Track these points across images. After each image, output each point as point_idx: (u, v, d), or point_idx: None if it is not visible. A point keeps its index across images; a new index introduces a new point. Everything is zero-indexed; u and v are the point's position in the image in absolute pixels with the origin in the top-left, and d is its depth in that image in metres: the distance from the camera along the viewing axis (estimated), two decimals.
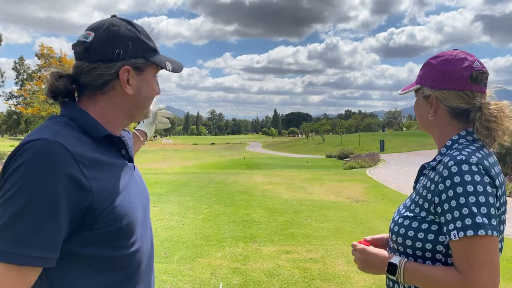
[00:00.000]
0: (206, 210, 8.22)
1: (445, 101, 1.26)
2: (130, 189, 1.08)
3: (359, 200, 9.77)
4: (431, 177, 1.21)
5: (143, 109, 1.15)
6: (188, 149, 57.27)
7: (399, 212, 1.30)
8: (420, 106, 1.34)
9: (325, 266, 4.92)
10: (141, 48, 1.08)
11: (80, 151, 0.96)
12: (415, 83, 1.34)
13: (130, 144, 1.22)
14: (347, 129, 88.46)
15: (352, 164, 20.54)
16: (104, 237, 0.98)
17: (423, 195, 1.22)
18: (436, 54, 1.32)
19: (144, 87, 1.11)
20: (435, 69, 1.28)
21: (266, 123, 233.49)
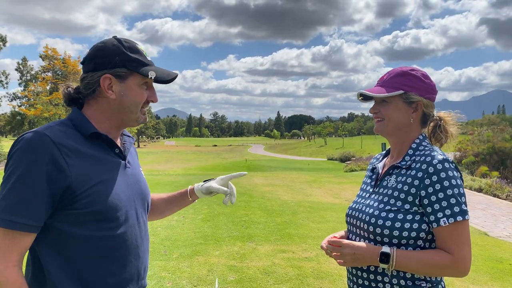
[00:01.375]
0: (205, 210, 8.38)
1: (427, 108, 1.49)
2: (116, 181, 1.28)
3: None
4: (411, 174, 1.39)
5: (129, 114, 1.32)
6: (191, 151, 57.46)
7: (377, 207, 1.42)
8: (400, 109, 1.45)
9: (319, 264, 5.06)
10: (123, 60, 1.29)
11: (65, 142, 1.17)
12: (392, 89, 1.44)
13: (128, 146, 1.42)
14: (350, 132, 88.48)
15: (352, 167, 20.66)
16: (83, 217, 1.18)
17: (404, 190, 1.39)
18: (409, 67, 1.50)
19: (127, 93, 1.28)
20: (421, 80, 1.47)
21: (268, 125, 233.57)
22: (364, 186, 1.63)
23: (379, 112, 1.49)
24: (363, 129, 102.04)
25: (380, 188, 1.49)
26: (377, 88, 1.49)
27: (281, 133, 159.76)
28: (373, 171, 1.63)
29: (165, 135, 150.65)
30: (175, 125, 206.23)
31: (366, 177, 1.67)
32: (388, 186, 1.46)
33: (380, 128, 1.51)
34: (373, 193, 1.51)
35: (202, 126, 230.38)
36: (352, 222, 1.54)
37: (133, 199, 1.34)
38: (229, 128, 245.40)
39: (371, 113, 1.54)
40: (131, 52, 1.30)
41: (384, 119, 1.48)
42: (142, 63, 1.30)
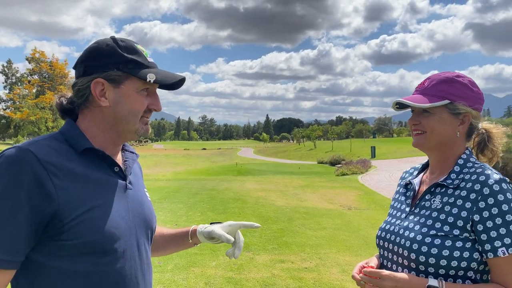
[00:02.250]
0: (199, 217, 8.17)
1: (474, 120, 1.31)
2: (114, 206, 1.07)
3: (352, 207, 9.79)
4: (462, 196, 1.23)
5: (126, 124, 1.11)
6: (179, 155, 57.02)
7: (420, 231, 1.25)
8: (445, 122, 1.28)
9: (320, 275, 4.90)
10: (117, 61, 1.08)
11: (53, 160, 0.99)
12: (436, 98, 1.27)
13: (130, 164, 1.21)
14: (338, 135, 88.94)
15: (344, 171, 20.62)
16: (73, 250, 0.99)
17: (453, 213, 1.22)
18: (453, 72, 1.33)
19: (122, 100, 1.09)
20: (468, 88, 1.30)
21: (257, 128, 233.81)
22: (397, 205, 1.45)
23: (420, 124, 1.31)
24: (352, 132, 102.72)
25: (421, 209, 1.31)
26: (418, 96, 1.30)
27: (270, 136, 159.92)
28: (407, 187, 1.46)
29: (153, 139, 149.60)
30: (164, 128, 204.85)
31: (399, 194, 1.48)
32: (431, 208, 1.28)
33: (421, 142, 1.32)
34: (411, 214, 1.33)
35: (191, 129, 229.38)
36: (387, 246, 1.36)
37: (134, 227, 1.14)
38: (218, 131, 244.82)
39: (410, 125, 1.35)
40: (128, 53, 1.10)
41: (426, 132, 1.30)
42: (141, 64, 1.10)
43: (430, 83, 1.31)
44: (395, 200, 1.50)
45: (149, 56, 1.15)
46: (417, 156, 27.28)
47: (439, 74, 1.33)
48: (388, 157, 30.73)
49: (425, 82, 1.33)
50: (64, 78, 34.27)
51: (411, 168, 1.56)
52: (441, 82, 1.30)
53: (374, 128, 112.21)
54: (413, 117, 1.34)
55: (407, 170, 1.57)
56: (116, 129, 1.12)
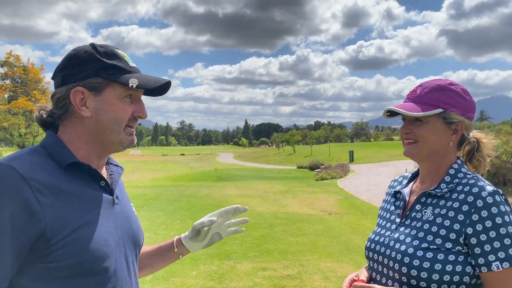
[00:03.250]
0: (178, 225, 8.02)
1: (467, 130, 1.28)
2: (102, 223, 1.01)
3: (332, 212, 9.82)
4: (454, 207, 1.19)
5: (110, 135, 1.05)
6: (157, 161, 56.28)
7: (411, 244, 1.21)
8: (438, 131, 1.24)
9: (302, 282, 4.86)
10: (97, 67, 1.02)
11: (37, 176, 0.92)
12: (429, 107, 1.23)
13: (116, 178, 1.14)
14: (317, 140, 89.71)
15: (323, 175, 20.75)
16: (61, 272, 0.92)
17: (445, 226, 1.18)
18: (445, 80, 1.29)
19: (104, 108, 1.03)
20: (461, 97, 1.26)
21: (237, 133, 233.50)
22: (387, 215, 1.40)
23: (412, 133, 1.27)
24: (330, 137, 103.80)
25: (412, 221, 1.27)
26: (410, 104, 1.26)
27: (249, 141, 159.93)
28: (396, 196, 1.41)
29: None
30: (141, 134, 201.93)
31: (388, 203, 1.44)
32: (422, 219, 1.24)
33: (413, 151, 1.28)
34: (402, 225, 1.29)
35: (169, 135, 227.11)
36: (376, 259, 1.31)
37: (123, 244, 1.07)
38: (197, 137, 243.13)
39: (402, 133, 1.31)
40: (108, 58, 1.04)
41: (418, 141, 1.26)
42: (122, 70, 1.04)
43: (423, 91, 1.27)
44: (384, 209, 1.45)
45: (131, 61, 1.09)
46: (394, 161, 27.76)
47: (431, 82, 1.30)
48: (366, 161, 31.15)
49: (417, 89, 1.29)
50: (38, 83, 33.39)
51: (400, 177, 1.51)
52: (434, 90, 1.26)
53: (352, 133, 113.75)
54: (405, 125, 1.29)
55: (396, 179, 1.52)
56: (99, 140, 1.05)
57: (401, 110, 1.24)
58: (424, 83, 1.31)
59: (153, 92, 1.12)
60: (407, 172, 1.51)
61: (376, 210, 10.13)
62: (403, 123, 1.30)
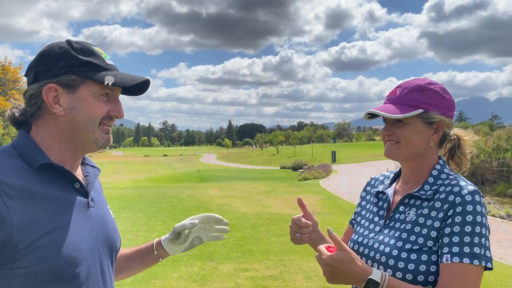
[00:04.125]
0: (160, 227, 7.92)
1: (448, 128, 1.28)
2: (75, 226, 0.97)
3: (315, 212, 9.86)
4: (437, 207, 1.19)
5: (84, 133, 1.01)
6: (139, 161, 55.63)
7: (395, 245, 1.19)
8: (420, 132, 1.24)
9: (285, 283, 4.85)
10: (71, 64, 0.99)
11: (5, 178, 0.89)
12: (409, 107, 1.22)
13: (92, 179, 1.10)
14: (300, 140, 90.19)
15: (306, 176, 20.86)
16: (29, 279, 0.88)
17: (427, 225, 1.18)
18: (424, 79, 1.29)
19: (78, 106, 1.00)
20: (441, 96, 1.26)
21: (220, 134, 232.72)
22: (369, 215, 1.38)
23: (394, 135, 1.26)
24: (313, 138, 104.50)
25: (396, 222, 1.26)
26: (390, 106, 1.25)
27: (233, 142, 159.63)
28: (378, 196, 1.40)
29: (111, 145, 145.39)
30: (122, 134, 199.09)
31: (370, 204, 1.41)
32: (406, 220, 1.24)
33: (394, 152, 1.27)
34: (386, 227, 1.28)
35: (151, 135, 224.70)
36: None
37: (98, 249, 1.03)
38: (180, 137, 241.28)
39: (384, 135, 1.30)
40: (83, 55, 1.00)
41: (400, 142, 1.25)
42: (98, 67, 1.01)
43: (402, 92, 1.26)
44: (365, 210, 1.43)
45: (108, 59, 1.06)
46: (376, 161, 28.12)
47: (410, 82, 1.29)
48: (348, 161, 31.45)
49: (397, 90, 1.28)
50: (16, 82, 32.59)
51: (381, 175, 1.50)
52: (413, 90, 1.25)
53: (334, 133, 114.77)
54: (386, 127, 1.28)
55: (376, 178, 1.51)
56: (74, 140, 1.02)
57: (381, 113, 1.23)
58: (403, 83, 1.30)
59: (131, 91, 1.10)
60: (388, 171, 1.50)
61: None
62: (385, 125, 1.30)
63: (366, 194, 1.48)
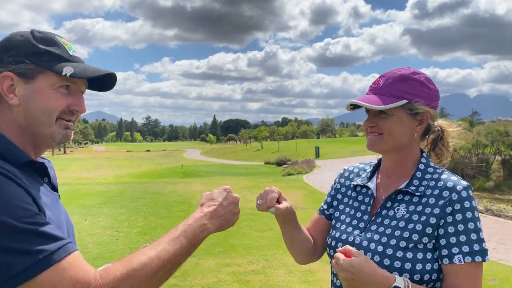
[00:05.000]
0: (141, 223, 7.83)
1: (432, 119, 1.24)
2: (61, 220, 0.96)
3: (298, 207, 9.90)
4: (430, 203, 1.16)
5: (40, 126, 0.95)
6: (122, 157, 54.93)
7: (388, 243, 1.15)
8: (403, 123, 1.19)
9: (267, 277, 4.85)
10: (29, 53, 0.94)
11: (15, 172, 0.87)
12: (393, 98, 1.18)
13: (53, 172, 1.06)
14: (284, 136, 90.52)
15: (289, 171, 20.93)
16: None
17: (421, 221, 1.14)
18: (408, 69, 1.25)
19: (33, 97, 0.94)
20: (425, 86, 1.22)
21: (204, 129, 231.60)
22: (351, 211, 1.30)
23: (377, 126, 1.21)
24: (297, 133, 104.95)
25: (384, 218, 1.21)
26: (373, 97, 1.20)
27: (217, 137, 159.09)
28: (357, 190, 1.33)
29: (93, 140, 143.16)
30: (105, 129, 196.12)
31: (349, 198, 1.34)
32: (396, 217, 1.19)
33: (377, 143, 1.22)
34: (373, 223, 1.22)
35: (134, 131, 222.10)
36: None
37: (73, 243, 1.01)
38: (163, 132, 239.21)
39: (366, 127, 1.25)
40: (44, 44, 0.96)
41: (383, 133, 1.21)
42: (59, 57, 0.97)
43: (386, 82, 1.22)
44: (344, 204, 1.35)
45: (73, 50, 1.01)
46: (358, 156, 28.41)
47: (394, 72, 1.24)
48: (331, 156, 31.70)
49: (380, 80, 1.23)
50: None
51: (355, 167, 1.43)
52: (397, 80, 1.21)
53: (318, 129, 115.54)
54: (369, 118, 1.24)
55: (350, 169, 1.44)
56: (29, 133, 0.96)
57: (364, 103, 1.18)
58: (386, 73, 1.26)
59: (98, 86, 1.05)
60: (361, 163, 1.44)
61: None
62: (368, 116, 1.25)
63: (341, 186, 1.41)
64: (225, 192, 1.10)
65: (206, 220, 1.02)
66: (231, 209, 1.08)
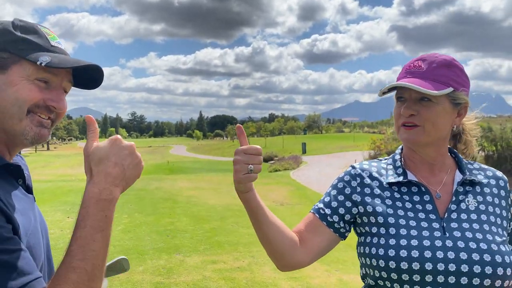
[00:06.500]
0: (125, 220, 7.71)
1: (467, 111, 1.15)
2: (36, 226, 0.90)
3: (284, 203, 9.90)
4: (493, 192, 1.12)
5: (9, 120, 0.86)
6: None
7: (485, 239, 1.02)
8: (447, 113, 1.08)
9: (253, 274, 4.81)
10: (6, 40, 0.87)
11: None
12: (441, 84, 1.05)
13: (27, 171, 0.99)
14: (271, 132, 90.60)
15: (276, 167, 20.96)
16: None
17: (493, 212, 1.09)
18: (448, 56, 1.12)
19: (6, 88, 0.85)
20: (465, 75, 1.11)
21: (190, 125, 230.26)
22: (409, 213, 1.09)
23: (418, 115, 1.07)
24: (284, 129, 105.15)
25: (460, 213, 1.07)
26: (417, 81, 1.05)
27: (203, 133, 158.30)
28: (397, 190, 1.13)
29: (77, 136, 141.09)
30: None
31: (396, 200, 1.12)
32: (471, 209, 1.08)
33: (418, 137, 1.08)
34: (450, 221, 1.06)
35: (119, 127, 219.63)
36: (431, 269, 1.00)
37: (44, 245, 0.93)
38: (149, 129, 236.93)
39: (405, 115, 1.09)
40: (22, 32, 0.88)
41: (423, 125, 1.07)
42: (37, 46, 0.88)
43: (430, 66, 1.08)
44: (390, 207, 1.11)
45: (57, 41, 0.93)
46: (344, 152, 28.60)
47: (435, 56, 1.11)
48: (317, 152, 31.83)
49: (420, 63, 1.10)
50: None
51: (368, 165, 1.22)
52: (441, 65, 1.08)
53: (305, 125, 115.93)
54: (409, 105, 1.08)
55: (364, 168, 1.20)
56: (2, 129, 0.87)
57: (417, 87, 1.03)
58: (426, 56, 1.12)
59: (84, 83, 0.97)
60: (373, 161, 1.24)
61: None
62: (406, 103, 1.09)
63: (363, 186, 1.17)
64: (115, 145, 0.87)
65: (106, 193, 0.83)
66: (130, 162, 0.88)
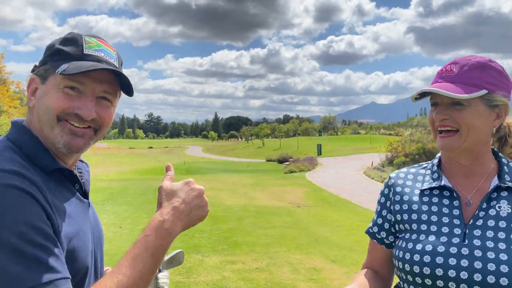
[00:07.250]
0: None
1: (507, 114, 1.11)
2: (84, 231, 0.92)
3: (301, 205, 9.90)
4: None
5: (44, 128, 0.89)
6: (124, 154, 55.00)
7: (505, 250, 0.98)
8: (482, 115, 1.05)
9: (271, 275, 4.84)
10: (49, 53, 0.93)
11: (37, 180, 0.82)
12: (472, 87, 1.04)
13: (87, 177, 1.03)
14: (286, 133, 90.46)
15: (292, 168, 20.94)
16: None
17: None
18: (484, 57, 1.11)
19: (42, 98, 0.90)
20: (504, 76, 1.09)
21: (206, 126, 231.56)
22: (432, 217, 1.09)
23: (450, 119, 1.06)
24: (299, 131, 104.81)
25: (487, 220, 1.04)
26: (448, 85, 1.06)
27: (218, 134, 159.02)
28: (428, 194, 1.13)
29: None
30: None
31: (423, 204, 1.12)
32: (501, 216, 1.03)
33: (454, 143, 1.06)
34: (474, 228, 1.04)
35: (136, 127, 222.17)
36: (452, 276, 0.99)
37: (94, 251, 0.97)
38: (165, 129, 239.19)
39: (438, 120, 1.08)
40: (61, 44, 0.92)
41: (460, 129, 1.05)
42: (67, 56, 0.90)
43: (462, 69, 1.07)
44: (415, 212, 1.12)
45: (95, 49, 0.93)
46: (360, 154, 28.35)
47: (468, 58, 1.10)
48: (333, 154, 31.65)
49: (453, 67, 1.09)
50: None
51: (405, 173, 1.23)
52: (474, 68, 1.07)
53: (320, 127, 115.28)
54: (441, 110, 1.07)
55: (401, 176, 1.23)
56: (44, 136, 0.91)
57: (444, 91, 1.02)
58: (459, 59, 1.11)
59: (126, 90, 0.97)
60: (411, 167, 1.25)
61: (343, 203, 10.29)
62: (438, 108, 1.08)
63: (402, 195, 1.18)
64: (187, 186, 0.96)
65: (168, 224, 0.88)
66: (196, 203, 0.94)
